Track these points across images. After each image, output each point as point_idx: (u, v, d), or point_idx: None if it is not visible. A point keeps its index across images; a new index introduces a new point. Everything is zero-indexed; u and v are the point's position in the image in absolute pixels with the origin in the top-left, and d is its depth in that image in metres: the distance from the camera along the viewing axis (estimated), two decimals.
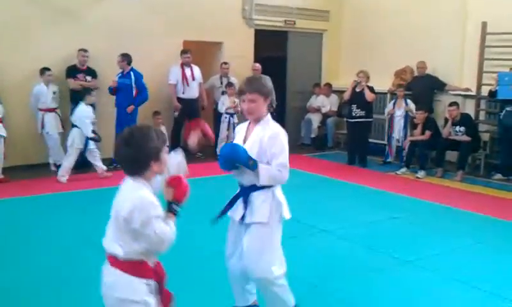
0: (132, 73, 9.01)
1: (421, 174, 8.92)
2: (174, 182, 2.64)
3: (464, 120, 8.97)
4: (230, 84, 10.21)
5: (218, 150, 10.23)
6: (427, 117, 9.26)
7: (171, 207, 2.59)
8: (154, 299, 2.55)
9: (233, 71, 10.52)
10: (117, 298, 2.49)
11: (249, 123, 3.49)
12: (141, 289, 2.50)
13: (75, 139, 8.02)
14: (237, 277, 3.54)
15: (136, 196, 2.46)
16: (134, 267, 2.49)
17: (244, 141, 3.40)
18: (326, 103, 11.55)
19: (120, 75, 9.04)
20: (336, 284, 4.50)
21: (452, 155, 9.15)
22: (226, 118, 10.14)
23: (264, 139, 3.30)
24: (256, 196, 3.33)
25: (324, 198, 7.47)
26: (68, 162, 8.03)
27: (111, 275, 2.50)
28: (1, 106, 7.88)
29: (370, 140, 10.17)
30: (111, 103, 9.18)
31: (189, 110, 9.91)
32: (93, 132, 8.16)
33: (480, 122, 9.49)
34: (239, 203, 3.39)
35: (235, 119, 10.21)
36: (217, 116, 10.39)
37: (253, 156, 3.27)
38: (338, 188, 8.16)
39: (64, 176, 7.98)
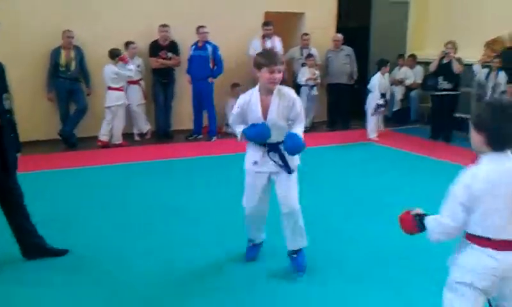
0: (208, 45, 9.07)
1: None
2: None
3: None
4: (309, 56, 10.08)
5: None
6: None
7: None
8: None
9: (313, 43, 10.36)
10: None
11: (260, 93, 3.90)
12: None
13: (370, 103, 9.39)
14: (259, 219, 4.22)
15: None
16: None
17: (265, 112, 3.87)
18: (410, 75, 11.14)
19: (195, 47, 9.12)
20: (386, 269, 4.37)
21: None
22: (305, 90, 10.04)
23: (287, 104, 3.88)
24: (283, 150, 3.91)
25: (404, 174, 7.25)
26: (370, 122, 9.44)
27: None
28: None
29: (456, 114, 9.71)
30: (187, 76, 9.32)
31: None
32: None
33: None
34: (270, 159, 3.95)
35: (315, 92, 10.10)
36: (296, 88, 10.29)
37: (281, 122, 3.88)
38: (420, 164, 7.89)
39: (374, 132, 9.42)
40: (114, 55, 8.37)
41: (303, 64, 10.17)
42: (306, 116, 10.03)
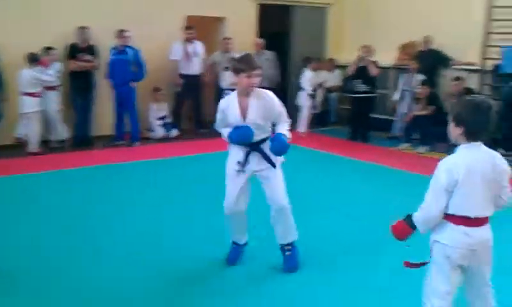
0: (129, 49, 8.93)
1: (423, 149, 8.90)
2: None
3: (468, 94, 8.88)
4: (232, 59, 10.13)
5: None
6: (431, 92, 9.20)
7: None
8: None
9: (235, 47, 10.42)
10: (490, 246, 2.95)
11: (238, 97, 4.10)
12: None
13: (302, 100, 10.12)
14: (239, 218, 4.31)
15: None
16: None
17: (244, 113, 4.05)
18: (328, 78, 11.46)
19: (114, 51, 8.96)
20: (340, 259, 4.54)
21: None
22: (228, 93, 10.03)
23: (264, 104, 4.07)
24: (265, 148, 4.12)
25: (324, 174, 7.46)
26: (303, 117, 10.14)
27: (489, 232, 2.91)
28: None
29: (374, 115, 10.10)
30: (108, 81, 9.13)
31: (190, 87, 9.88)
32: None
33: (484, 96, 9.38)
34: (254, 158, 4.14)
35: None
36: (219, 92, 10.32)
37: (260, 122, 4.05)
38: (339, 165, 8.14)
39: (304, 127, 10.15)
40: (33, 59, 8.05)
41: (226, 68, 10.21)
42: None
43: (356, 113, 9.96)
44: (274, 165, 4.15)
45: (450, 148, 3.11)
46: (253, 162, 4.16)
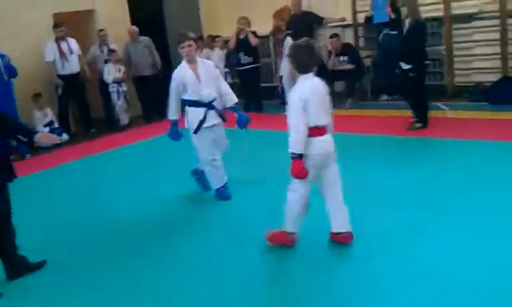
0: None
1: None
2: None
3: (346, 49, 9.30)
4: (112, 51, 9.82)
5: (122, 119, 9.86)
6: None
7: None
8: None
9: (111, 38, 10.10)
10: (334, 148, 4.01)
11: (188, 65, 5.18)
12: None
13: None
14: (220, 164, 5.34)
15: None
16: None
17: (197, 76, 5.13)
18: (211, 55, 11.39)
19: None
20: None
21: (340, 85, 9.48)
22: (114, 87, 9.78)
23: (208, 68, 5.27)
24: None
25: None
26: None
27: (331, 137, 3.95)
28: None
29: (263, 84, 10.25)
30: None
31: (72, 87, 9.46)
32: None
33: (361, 49, 9.86)
34: (211, 114, 5.20)
35: (124, 87, 9.89)
36: (103, 87, 9.98)
37: (211, 81, 5.23)
38: (238, 136, 8.14)
39: None
40: None
41: (106, 61, 9.88)
42: (124, 112, 9.85)
43: (245, 85, 10.05)
44: (225, 120, 5.26)
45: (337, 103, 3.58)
46: (211, 118, 5.14)
